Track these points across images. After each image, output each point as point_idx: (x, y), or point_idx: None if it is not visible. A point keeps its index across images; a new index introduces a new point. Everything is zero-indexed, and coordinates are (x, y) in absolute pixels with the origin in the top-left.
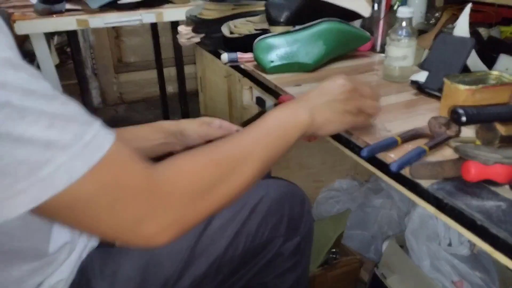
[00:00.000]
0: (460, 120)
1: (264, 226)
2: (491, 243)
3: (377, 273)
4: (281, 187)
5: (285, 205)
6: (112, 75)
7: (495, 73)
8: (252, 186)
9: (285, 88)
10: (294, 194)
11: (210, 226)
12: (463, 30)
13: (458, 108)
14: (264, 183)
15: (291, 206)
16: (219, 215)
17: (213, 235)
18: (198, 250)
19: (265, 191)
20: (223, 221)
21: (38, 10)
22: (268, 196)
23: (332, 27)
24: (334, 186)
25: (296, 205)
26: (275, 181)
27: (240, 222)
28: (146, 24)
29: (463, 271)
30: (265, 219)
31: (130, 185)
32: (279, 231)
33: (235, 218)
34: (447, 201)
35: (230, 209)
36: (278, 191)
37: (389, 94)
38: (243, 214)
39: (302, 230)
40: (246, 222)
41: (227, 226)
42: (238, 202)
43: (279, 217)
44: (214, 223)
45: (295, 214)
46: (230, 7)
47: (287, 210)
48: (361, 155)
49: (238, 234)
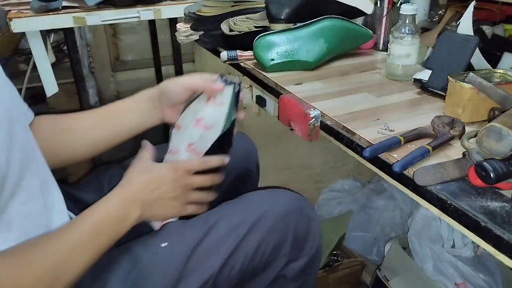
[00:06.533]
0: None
1: (265, 244)
2: (495, 245)
3: (379, 276)
4: (287, 201)
5: (291, 222)
6: (109, 74)
7: (499, 71)
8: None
9: (285, 86)
10: (302, 209)
11: (205, 240)
12: (466, 28)
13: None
14: (268, 195)
15: (297, 222)
16: (216, 229)
17: (208, 250)
18: (191, 266)
19: (269, 205)
20: (219, 236)
21: (34, 7)
22: (272, 210)
23: (333, 24)
24: (336, 186)
25: (303, 222)
26: (281, 194)
27: (238, 238)
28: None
29: (466, 273)
30: (267, 236)
31: None
32: (282, 250)
33: (232, 233)
34: (451, 202)
35: (227, 223)
36: (283, 205)
37: (392, 93)
38: (242, 229)
39: (308, 251)
40: (244, 239)
41: (223, 242)
42: (237, 215)
43: (283, 235)
44: (209, 238)
45: (301, 232)
46: (229, 4)
47: (292, 227)
48: (364, 155)
49: (235, 251)
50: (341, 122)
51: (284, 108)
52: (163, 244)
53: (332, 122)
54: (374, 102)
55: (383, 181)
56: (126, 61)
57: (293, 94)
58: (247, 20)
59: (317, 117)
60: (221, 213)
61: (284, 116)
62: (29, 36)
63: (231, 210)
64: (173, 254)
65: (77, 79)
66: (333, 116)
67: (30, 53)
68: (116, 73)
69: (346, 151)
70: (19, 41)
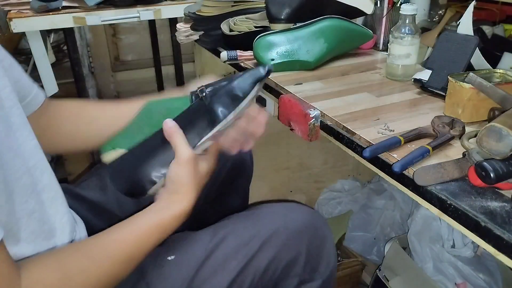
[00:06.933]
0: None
1: (276, 262)
2: (495, 245)
3: (379, 276)
4: (301, 217)
5: (304, 240)
6: (109, 74)
7: (499, 71)
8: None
9: (286, 86)
10: (316, 227)
11: (213, 256)
12: (466, 28)
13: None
14: (281, 211)
15: (310, 241)
16: (225, 244)
17: (215, 266)
18: (197, 282)
19: (282, 221)
20: (228, 252)
21: (34, 7)
22: (285, 227)
23: (333, 24)
24: (335, 187)
25: (317, 240)
26: (295, 209)
27: (248, 255)
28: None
29: (466, 273)
30: (279, 254)
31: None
32: (293, 270)
33: (242, 249)
34: (451, 202)
35: (237, 237)
36: (297, 222)
37: (392, 93)
38: (253, 246)
39: (322, 272)
40: (255, 256)
41: (232, 258)
42: (247, 230)
43: (295, 254)
44: (217, 253)
45: (315, 251)
46: (229, 4)
47: (305, 245)
48: (364, 155)
49: (244, 269)
50: (341, 122)
51: (284, 108)
52: (169, 257)
53: (332, 122)
54: (374, 102)
55: (383, 181)
56: (126, 61)
57: (293, 94)
58: (247, 20)
59: (317, 117)
60: (231, 226)
61: (284, 116)
62: (29, 36)
63: (241, 224)
64: (179, 269)
65: (77, 79)
66: (333, 116)
67: (30, 53)
68: (116, 73)
69: (346, 151)
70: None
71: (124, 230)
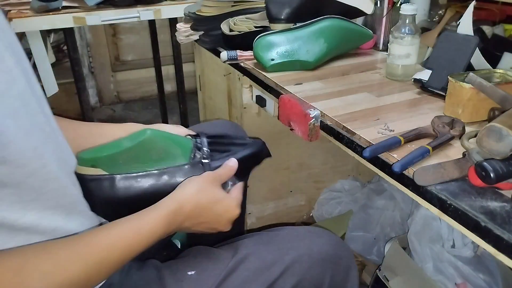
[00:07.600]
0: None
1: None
2: (495, 245)
3: (379, 276)
4: (326, 245)
5: (328, 270)
6: (109, 74)
7: (499, 71)
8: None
9: (285, 86)
10: (341, 257)
11: (233, 275)
12: (466, 28)
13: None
14: (307, 236)
15: (334, 271)
16: (246, 265)
17: (235, 287)
18: None
19: (308, 248)
20: (247, 276)
21: (34, 7)
22: (309, 255)
23: (333, 24)
24: (335, 187)
25: (342, 271)
26: (321, 235)
27: (268, 280)
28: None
29: (466, 273)
30: (300, 283)
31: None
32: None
33: (263, 273)
34: (451, 202)
35: (258, 260)
36: (322, 250)
37: (392, 93)
38: (274, 272)
39: None
40: (276, 282)
41: (251, 281)
42: (269, 254)
43: (318, 284)
44: (238, 273)
45: (339, 282)
46: (229, 4)
47: (329, 276)
48: (364, 155)
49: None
50: (341, 122)
51: (284, 108)
52: (190, 272)
53: (332, 122)
54: (374, 102)
55: (383, 181)
56: (126, 61)
57: (293, 94)
58: (247, 20)
59: (317, 117)
60: (253, 247)
61: (284, 116)
62: (29, 36)
63: (263, 246)
64: (198, 285)
65: (77, 79)
66: (333, 116)
67: (30, 53)
68: (116, 73)
69: (346, 151)
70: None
71: (100, 234)
